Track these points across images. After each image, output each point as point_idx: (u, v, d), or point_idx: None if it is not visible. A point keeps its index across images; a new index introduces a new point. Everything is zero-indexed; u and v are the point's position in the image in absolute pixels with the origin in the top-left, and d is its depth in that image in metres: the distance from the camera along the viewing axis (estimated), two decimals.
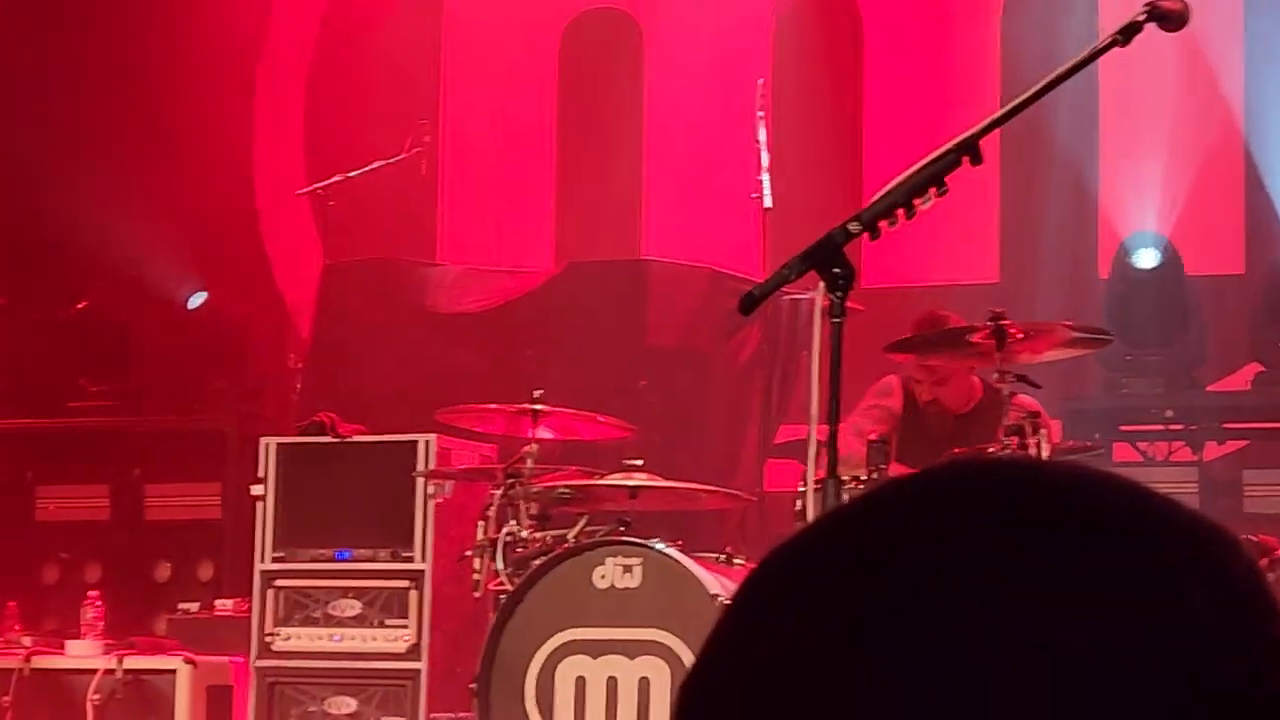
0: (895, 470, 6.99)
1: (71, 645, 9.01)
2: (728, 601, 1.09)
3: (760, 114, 9.33)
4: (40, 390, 10.91)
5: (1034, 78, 4.82)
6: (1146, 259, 9.19)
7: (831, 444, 4.60)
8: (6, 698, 8.78)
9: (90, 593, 9.45)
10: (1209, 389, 9.43)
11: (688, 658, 6.79)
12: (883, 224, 4.58)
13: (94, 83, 12.56)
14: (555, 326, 9.89)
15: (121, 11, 12.54)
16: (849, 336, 4.65)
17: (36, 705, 8.81)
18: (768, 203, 9.02)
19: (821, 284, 4.57)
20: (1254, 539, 7.69)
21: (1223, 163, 10.80)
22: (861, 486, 6.78)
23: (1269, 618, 1.04)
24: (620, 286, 10.44)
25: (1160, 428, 9.22)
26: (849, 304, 4.64)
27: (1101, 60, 5.01)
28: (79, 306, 11.29)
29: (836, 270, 4.50)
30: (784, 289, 4.92)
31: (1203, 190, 10.72)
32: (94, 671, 8.70)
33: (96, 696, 8.66)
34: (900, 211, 4.56)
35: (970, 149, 4.56)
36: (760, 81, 9.66)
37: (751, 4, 11.79)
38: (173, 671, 8.68)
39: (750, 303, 4.68)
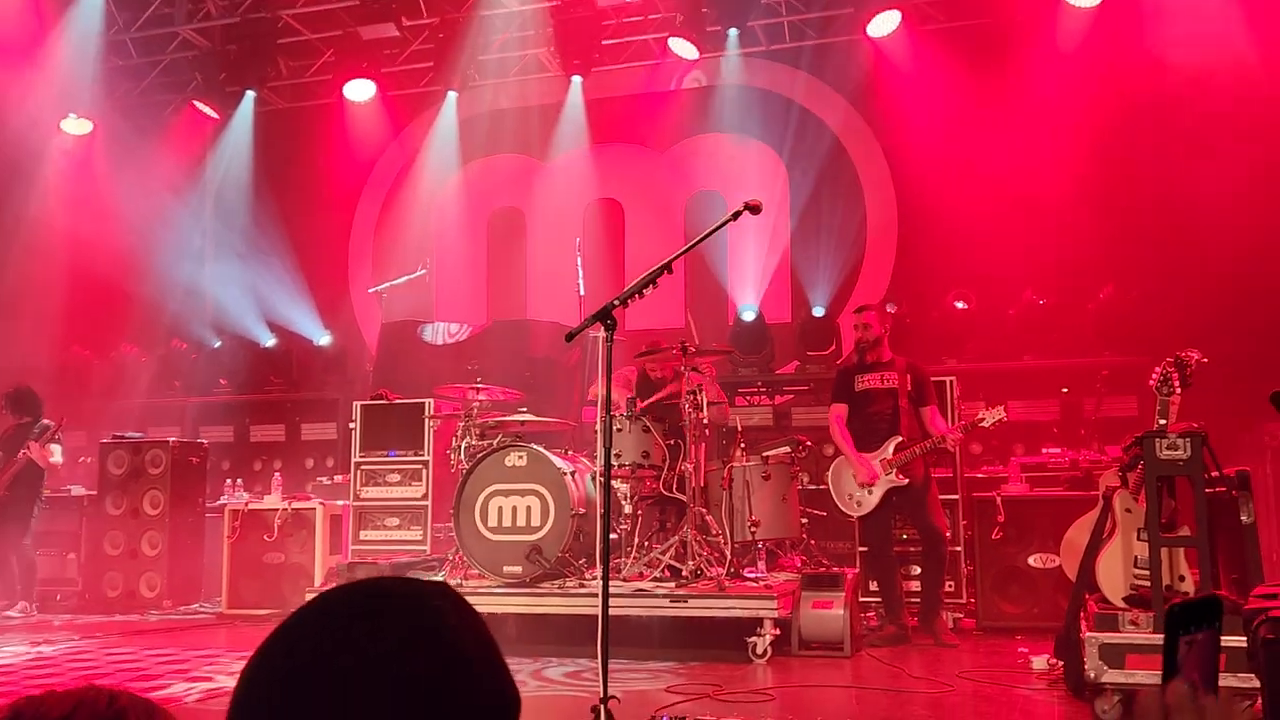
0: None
1: (267, 498, 8.63)
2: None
3: (579, 247, 9.10)
4: (250, 382, 10.42)
5: (701, 230, 4.58)
6: (749, 315, 9.09)
7: (606, 399, 4.35)
8: (237, 523, 8.37)
9: (276, 473, 9.12)
10: (777, 372, 9.32)
11: (549, 497, 6.58)
12: (631, 301, 4.40)
13: (295, 200, 11.79)
14: (487, 350, 9.59)
15: (293, 148, 11.89)
16: (617, 352, 4.45)
17: (250, 528, 8.43)
18: (582, 291, 8.80)
19: (602, 328, 4.31)
20: (797, 438, 7.53)
21: (781, 270, 10.71)
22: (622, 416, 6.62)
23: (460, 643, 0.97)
24: (518, 331, 10.14)
25: (757, 389, 9.07)
26: (616, 337, 4.43)
27: (731, 225, 4.81)
28: (267, 344, 10.80)
29: (609, 322, 4.30)
30: (588, 330, 4.61)
31: (772, 284, 10.63)
32: (277, 510, 8.37)
33: (279, 522, 8.33)
34: (637, 296, 4.39)
35: (668, 267, 4.40)
36: (579, 238, 9.43)
37: (577, 197, 11.48)
38: (314, 509, 8.34)
39: (570, 337, 4.43)
